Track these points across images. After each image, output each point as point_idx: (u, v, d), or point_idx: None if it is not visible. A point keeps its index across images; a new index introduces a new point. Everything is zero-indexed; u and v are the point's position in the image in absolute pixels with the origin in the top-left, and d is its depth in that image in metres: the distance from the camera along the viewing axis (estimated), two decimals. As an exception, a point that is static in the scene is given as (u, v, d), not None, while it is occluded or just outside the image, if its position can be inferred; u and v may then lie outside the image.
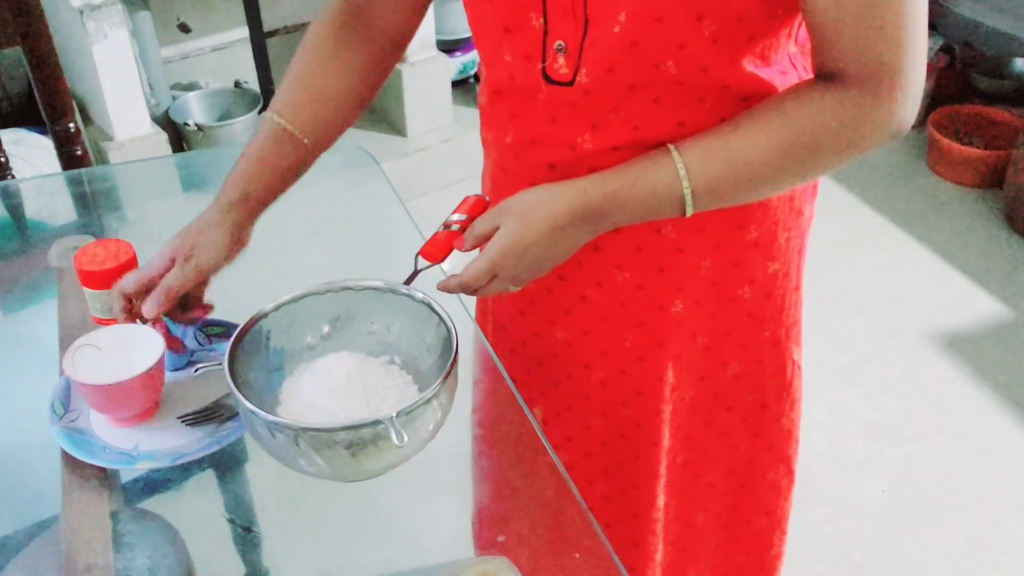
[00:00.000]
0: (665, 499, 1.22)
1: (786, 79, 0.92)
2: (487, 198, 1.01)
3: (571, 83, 0.90)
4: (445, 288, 0.93)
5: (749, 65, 0.88)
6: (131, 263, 1.08)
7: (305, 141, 1.03)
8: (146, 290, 0.97)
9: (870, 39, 0.82)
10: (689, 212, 0.89)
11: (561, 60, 0.89)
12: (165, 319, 1.00)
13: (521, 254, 0.89)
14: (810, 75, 0.91)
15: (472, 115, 1.03)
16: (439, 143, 3.09)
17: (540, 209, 0.88)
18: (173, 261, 0.97)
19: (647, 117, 0.90)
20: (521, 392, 1.08)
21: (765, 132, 0.86)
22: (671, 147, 0.88)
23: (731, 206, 0.94)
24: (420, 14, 1.08)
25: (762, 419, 1.19)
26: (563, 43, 0.88)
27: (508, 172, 1.04)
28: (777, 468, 1.26)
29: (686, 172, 0.87)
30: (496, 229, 0.89)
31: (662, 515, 1.23)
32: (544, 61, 0.90)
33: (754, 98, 0.90)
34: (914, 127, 3.49)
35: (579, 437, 1.17)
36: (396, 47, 1.09)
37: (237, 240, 1.00)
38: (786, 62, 0.92)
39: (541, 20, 0.89)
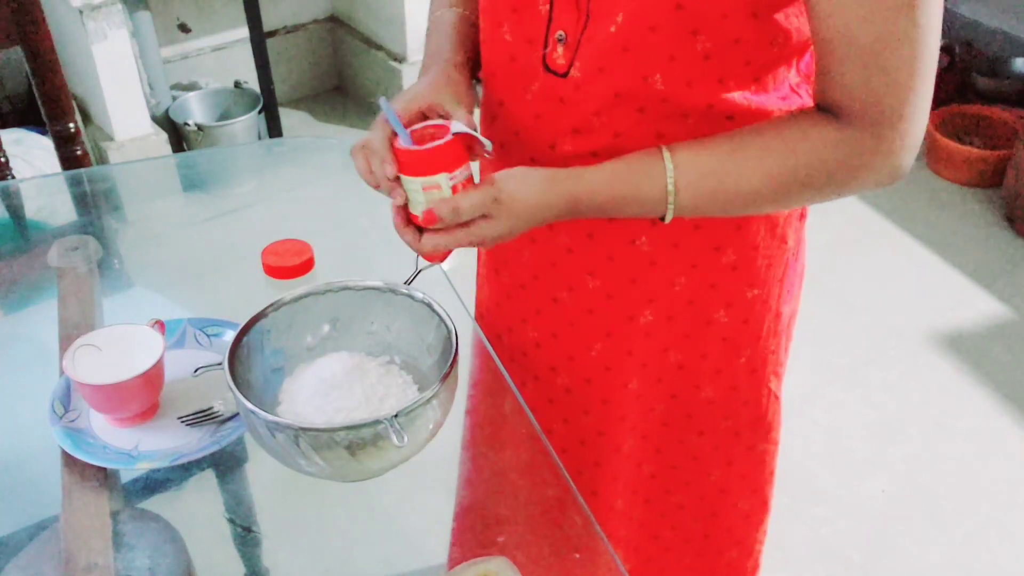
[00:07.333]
0: (630, 507, 1.21)
1: (787, 104, 0.91)
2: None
3: (565, 75, 0.90)
4: (438, 211, 0.85)
5: (741, 88, 0.88)
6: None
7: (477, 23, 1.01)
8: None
9: (875, 81, 0.80)
10: (667, 220, 0.89)
11: (560, 50, 0.90)
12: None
13: (500, 240, 0.88)
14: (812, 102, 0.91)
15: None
16: (439, 143, 3.08)
17: (533, 214, 0.88)
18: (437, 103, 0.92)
19: (630, 125, 0.90)
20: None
21: (762, 161, 0.86)
22: (666, 160, 0.87)
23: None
24: None
25: (735, 447, 1.18)
26: (563, 33, 0.89)
27: (493, 162, 1.03)
28: (750, 498, 1.24)
29: (675, 191, 0.87)
30: (485, 218, 0.86)
31: (624, 521, 1.22)
32: (545, 48, 0.91)
33: (740, 118, 0.89)
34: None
35: None
36: None
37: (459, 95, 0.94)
38: (787, 89, 0.91)
39: (547, 7, 0.89)
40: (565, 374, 1.11)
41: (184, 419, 0.99)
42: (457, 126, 0.87)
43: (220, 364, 0.90)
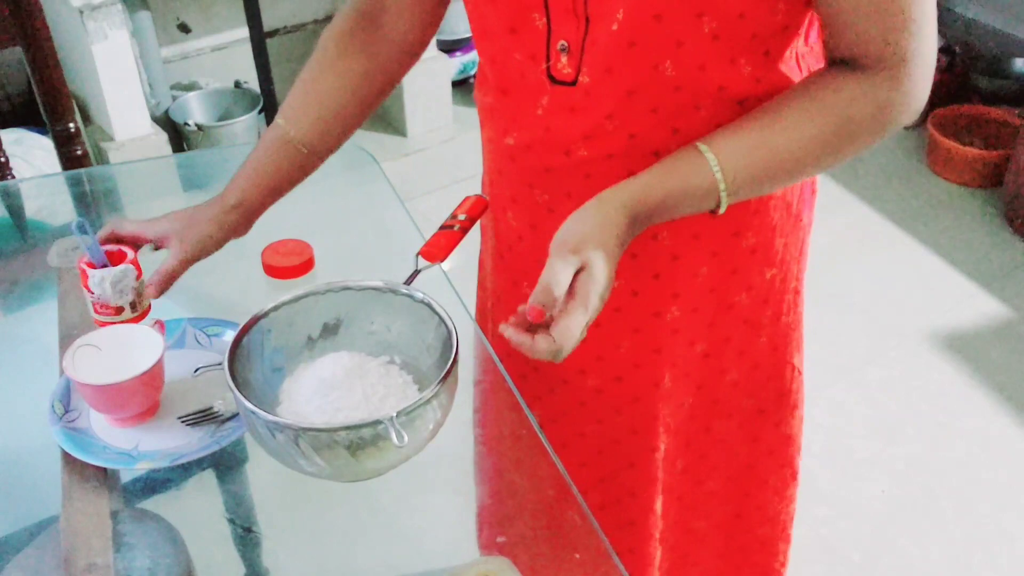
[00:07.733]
0: (664, 505, 1.22)
1: (790, 80, 0.91)
2: (486, 198, 1.00)
3: (574, 83, 0.89)
4: (535, 354, 0.82)
5: (750, 64, 0.88)
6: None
7: (304, 149, 1.07)
8: (131, 240, 1.08)
9: (888, 24, 0.82)
10: (722, 210, 0.88)
11: (564, 60, 0.89)
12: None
13: (609, 287, 0.83)
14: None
15: (472, 115, 1.03)
16: (439, 143, 3.09)
17: (611, 233, 0.83)
18: (167, 239, 1.06)
19: (643, 125, 0.89)
20: None
21: (803, 123, 0.86)
22: (704, 152, 0.86)
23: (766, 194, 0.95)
24: (431, 25, 1.07)
25: (761, 425, 1.18)
26: (566, 43, 0.88)
27: (504, 174, 1.03)
28: (780, 473, 1.25)
29: (722, 177, 0.86)
30: (580, 269, 0.81)
31: (661, 521, 1.22)
32: (548, 61, 0.90)
33: (750, 101, 0.89)
34: (914, 127, 3.49)
35: (574, 445, 1.16)
36: (406, 56, 1.09)
37: (231, 236, 1.08)
38: (792, 62, 0.92)
39: (544, 20, 0.88)
40: (594, 375, 1.10)
41: (184, 419, 0.99)
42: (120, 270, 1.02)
43: (220, 364, 0.90)
